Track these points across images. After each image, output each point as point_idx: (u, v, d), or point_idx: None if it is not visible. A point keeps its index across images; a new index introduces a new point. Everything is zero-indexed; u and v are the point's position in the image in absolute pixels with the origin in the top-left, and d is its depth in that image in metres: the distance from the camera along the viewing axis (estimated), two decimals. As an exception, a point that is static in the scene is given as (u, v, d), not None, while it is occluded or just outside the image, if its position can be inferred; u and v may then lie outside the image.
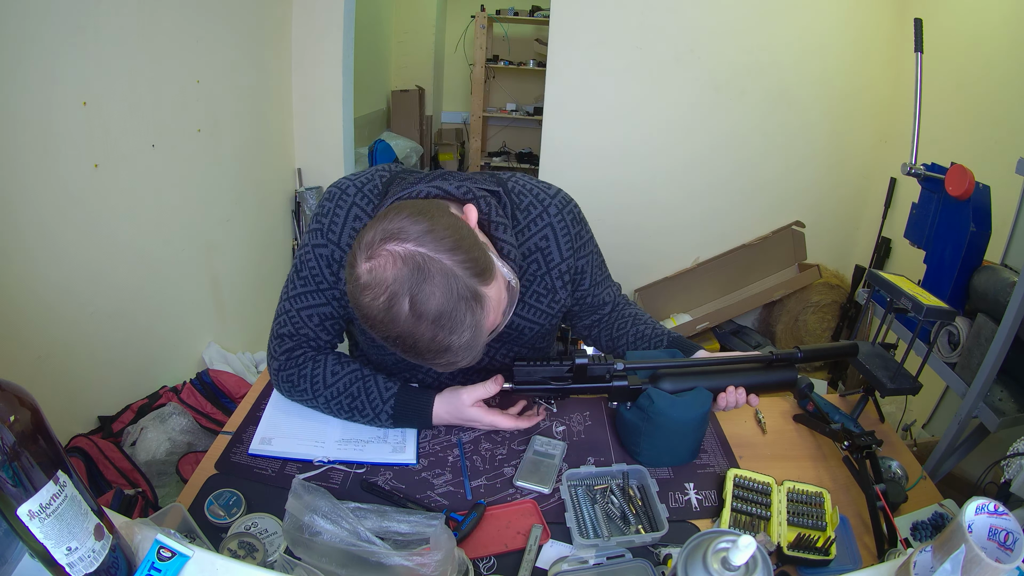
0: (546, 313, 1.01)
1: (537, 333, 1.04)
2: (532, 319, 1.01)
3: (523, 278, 0.97)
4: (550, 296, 1.00)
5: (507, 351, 1.06)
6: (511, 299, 0.80)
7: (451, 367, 0.73)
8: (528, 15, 4.52)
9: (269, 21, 2.35)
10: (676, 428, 0.93)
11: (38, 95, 1.35)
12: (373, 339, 1.01)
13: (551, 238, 0.96)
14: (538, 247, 0.96)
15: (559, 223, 0.96)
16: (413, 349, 0.70)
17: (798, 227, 2.79)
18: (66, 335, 1.50)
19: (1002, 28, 2.01)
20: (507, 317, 0.80)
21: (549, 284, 0.99)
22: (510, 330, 1.00)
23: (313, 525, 0.69)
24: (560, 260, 0.98)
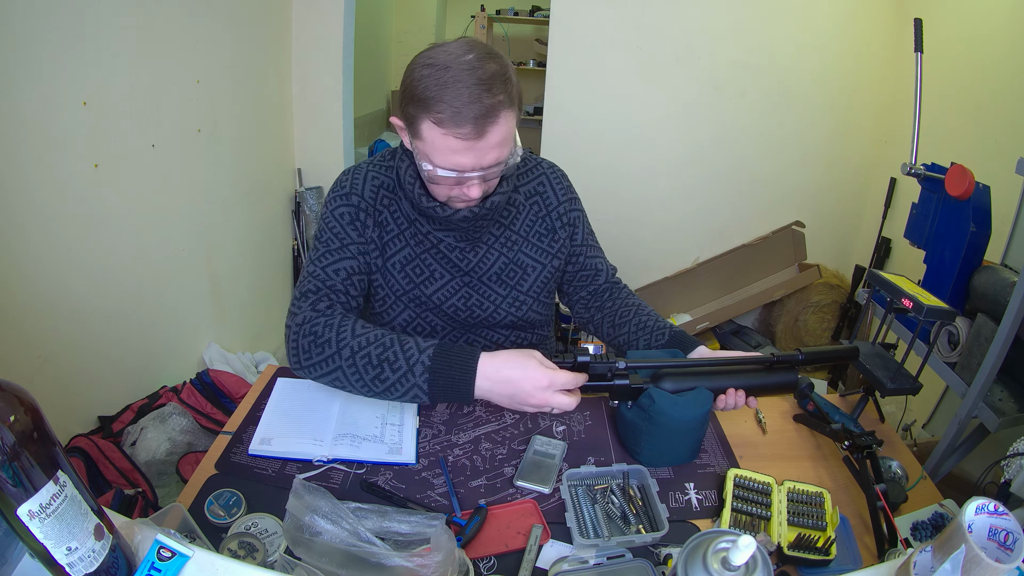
0: (547, 252, 1.11)
1: (539, 278, 1.11)
2: (536, 257, 1.11)
3: (526, 218, 1.10)
4: (550, 236, 1.11)
5: (512, 300, 1.10)
6: (512, 154, 0.91)
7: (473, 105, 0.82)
8: (528, 15, 4.52)
9: (269, 21, 2.35)
10: (677, 428, 0.93)
11: (38, 95, 1.35)
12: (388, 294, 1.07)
13: (547, 184, 1.12)
14: (536, 191, 1.11)
15: (552, 174, 1.13)
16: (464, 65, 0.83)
17: (798, 227, 2.79)
18: (66, 335, 1.50)
19: (1002, 28, 2.01)
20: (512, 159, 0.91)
21: (549, 224, 1.11)
22: (515, 267, 1.09)
23: (313, 525, 0.69)
24: (557, 203, 1.12)
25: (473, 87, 0.82)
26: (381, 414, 1.03)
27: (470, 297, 1.09)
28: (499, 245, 1.09)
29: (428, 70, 0.84)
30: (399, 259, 1.05)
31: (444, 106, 0.82)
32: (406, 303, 1.08)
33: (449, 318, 1.10)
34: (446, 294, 1.08)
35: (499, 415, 1.06)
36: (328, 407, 1.03)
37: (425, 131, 0.86)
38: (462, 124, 0.83)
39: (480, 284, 1.09)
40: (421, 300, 1.07)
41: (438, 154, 0.87)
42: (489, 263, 1.08)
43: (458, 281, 1.08)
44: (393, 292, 1.07)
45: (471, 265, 1.07)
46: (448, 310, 1.09)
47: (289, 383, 1.09)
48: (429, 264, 1.06)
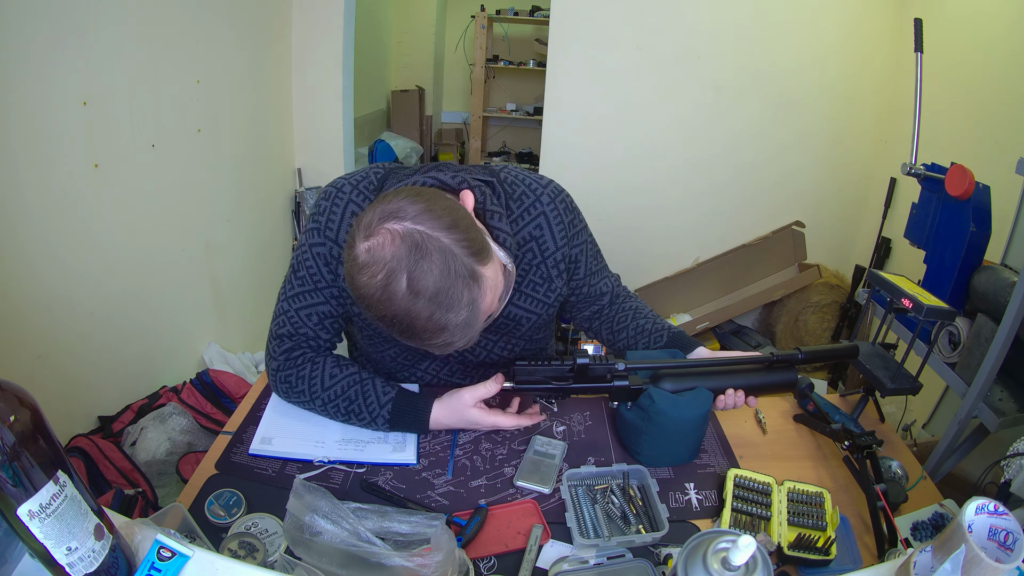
0: (543, 302, 1.02)
1: (535, 324, 1.04)
2: (529, 308, 1.01)
3: (519, 267, 0.98)
4: (546, 285, 1.00)
5: (505, 343, 1.07)
6: (507, 284, 0.81)
7: (447, 348, 0.74)
8: (528, 15, 4.52)
9: (269, 21, 2.35)
10: (676, 428, 0.93)
11: (38, 95, 1.35)
12: (372, 335, 1.02)
13: (545, 227, 0.97)
14: (532, 236, 0.97)
15: (552, 212, 0.97)
16: (410, 329, 0.70)
17: (798, 227, 2.79)
18: (66, 335, 1.49)
19: (1002, 28, 2.01)
20: (503, 303, 0.81)
21: (545, 273, 1.00)
22: (507, 320, 1.01)
23: (314, 525, 0.69)
24: (555, 249, 0.98)
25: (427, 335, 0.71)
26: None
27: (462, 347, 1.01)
28: None
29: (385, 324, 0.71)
30: None
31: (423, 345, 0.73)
32: (395, 341, 1.01)
33: (442, 359, 1.07)
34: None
35: (499, 415, 1.06)
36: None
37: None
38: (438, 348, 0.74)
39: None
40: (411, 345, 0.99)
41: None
42: None
43: None
44: (379, 334, 1.01)
45: None
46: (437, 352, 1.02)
47: (289, 383, 1.09)
48: None
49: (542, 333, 1.12)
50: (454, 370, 1.10)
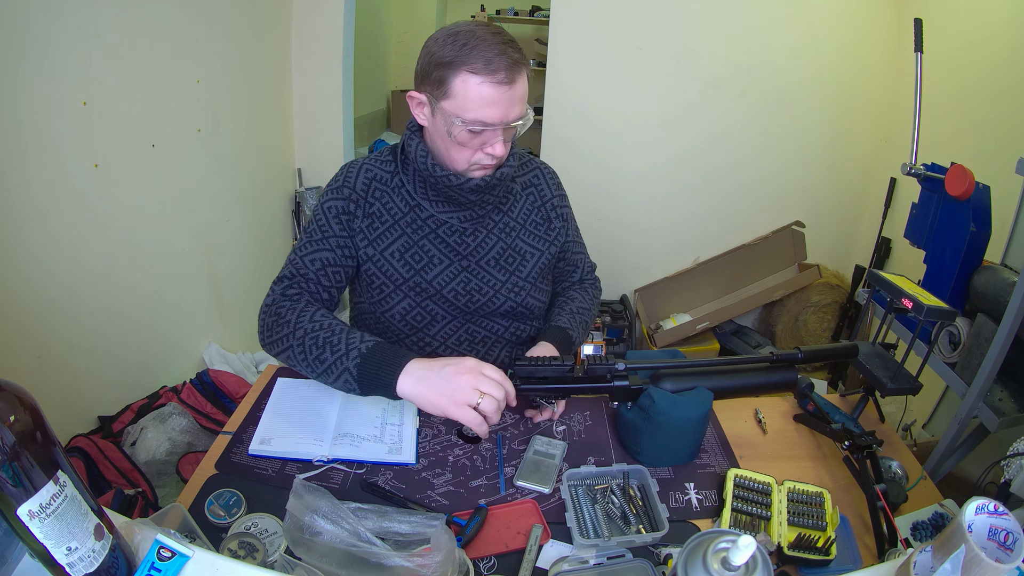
0: (544, 239, 1.16)
1: (537, 263, 1.14)
2: (533, 244, 1.14)
3: (523, 207, 1.15)
4: (546, 225, 1.16)
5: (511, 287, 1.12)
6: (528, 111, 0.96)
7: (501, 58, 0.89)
8: (528, 15, 4.52)
9: (269, 21, 2.35)
10: (676, 428, 0.93)
11: (38, 95, 1.35)
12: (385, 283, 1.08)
13: (540, 177, 1.18)
14: (531, 183, 1.17)
15: (544, 169, 1.20)
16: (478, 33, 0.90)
17: (798, 227, 2.79)
18: (66, 335, 1.49)
19: (1002, 28, 2.01)
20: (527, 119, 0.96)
21: (544, 215, 1.16)
22: (514, 254, 1.12)
23: (313, 525, 0.69)
24: (551, 195, 1.18)
25: (499, 44, 0.90)
26: (381, 414, 1.03)
27: (469, 282, 1.10)
28: (497, 231, 1.11)
29: (452, 38, 0.91)
30: (396, 247, 1.06)
31: (477, 58, 0.89)
32: (405, 291, 1.08)
33: (449, 304, 1.10)
34: (446, 278, 1.08)
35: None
36: (328, 407, 1.03)
37: (458, 86, 0.90)
38: (496, 71, 0.89)
39: (479, 268, 1.10)
40: (421, 286, 1.08)
41: (470, 107, 0.90)
42: (488, 247, 1.10)
43: (457, 265, 1.09)
44: (391, 281, 1.07)
45: (470, 249, 1.09)
46: (448, 295, 1.09)
47: (289, 383, 1.09)
48: (428, 250, 1.07)
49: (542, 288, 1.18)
50: (461, 339, 1.14)
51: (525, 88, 0.94)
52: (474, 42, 0.89)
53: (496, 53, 0.89)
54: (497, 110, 0.91)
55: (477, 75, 0.89)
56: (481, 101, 0.90)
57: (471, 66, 0.89)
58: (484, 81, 0.89)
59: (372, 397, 1.05)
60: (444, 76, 0.91)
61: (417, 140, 1.03)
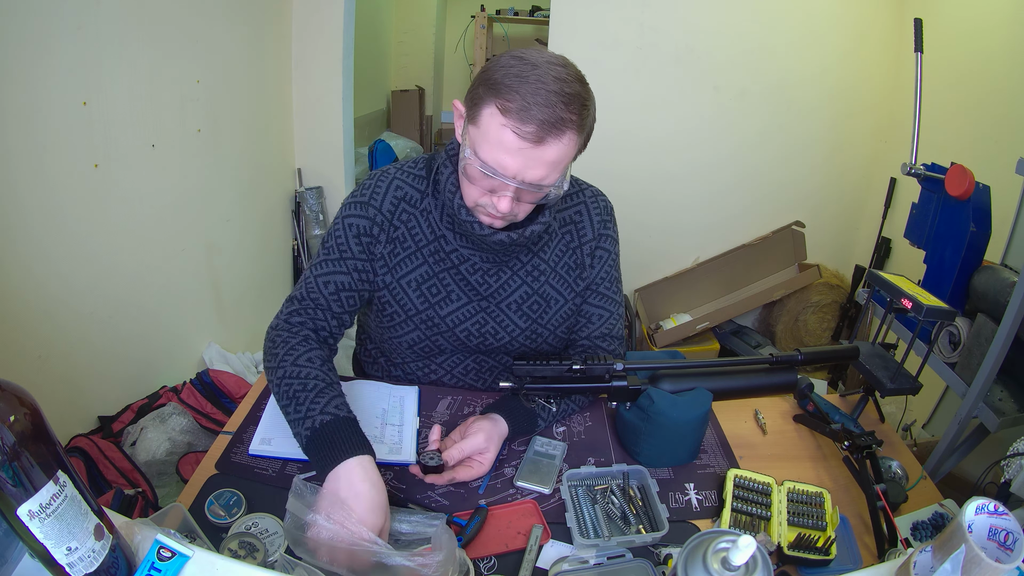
0: (572, 288, 1.05)
1: (561, 311, 1.05)
2: (560, 290, 1.05)
3: (556, 248, 1.04)
4: (579, 271, 1.05)
5: (530, 332, 1.04)
6: (560, 179, 0.86)
7: (545, 108, 0.78)
8: (528, 15, 4.52)
9: (269, 21, 2.35)
10: (676, 428, 0.93)
11: (38, 95, 1.35)
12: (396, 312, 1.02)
13: (584, 214, 1.05)
14: (572, 220, 1.05)
15: (592, 203, 1.07)
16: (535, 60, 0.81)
17: (798, 227, 2.79)
18: (66, 335, 1.49)
19: (1002, 28, 2.01)
20: (552, 188, 0.85)
21: (579, 259, 1.05)
22: (539, 299, 1.03)
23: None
24: (592, 236, 1.05)
25: (552, 94, 0.78)
26: (381, 414, 1.03)
27: (485, 323, 1.03)
28: (524, 273, 1.02)
29: (516, 61, 0.81)
30: (415, 277, 1.00)
31: (516, 96, 0.78)
32: (416, 323, 1.02)
33: (460, 342, 1.05)
34: (460, 317, 1.02)
35: (499, 415, 1.06)
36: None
37: (485, 116, 0.81)
38: (526, 122, 0.78)
39: (498, 311, 1.03)
40: (433, 321, 1.02)
41: (487, 146, 0.81)
42: (511, 290, 1.02)
43: (475, 305, 1.02)
44: (404, 310, 1.02)
45: (491, 290, 1.01)
46: (460, 334, 1.03)
47: (289, 383, 1.08)
48: (447, 284, 1.00)
49: (560, 336, 1.08)
50: (468, 368, 1.10)
51: (561, 154, 0.81)
52: (529, 79, 0.78)
53: (541, 102, 0.77)
54: (513, 162, 0.80)
55: (505, 115, 0.78)
56: (499, 146, 0.80)
57: (505, 102, 0.78)
58: (507, 125, 0.78)
59: (371, 397, 1.06)
60: (481, 97, 0.81)
61: (450, 171, 0.94)
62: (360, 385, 1.10)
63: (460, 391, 1.12)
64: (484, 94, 0.81)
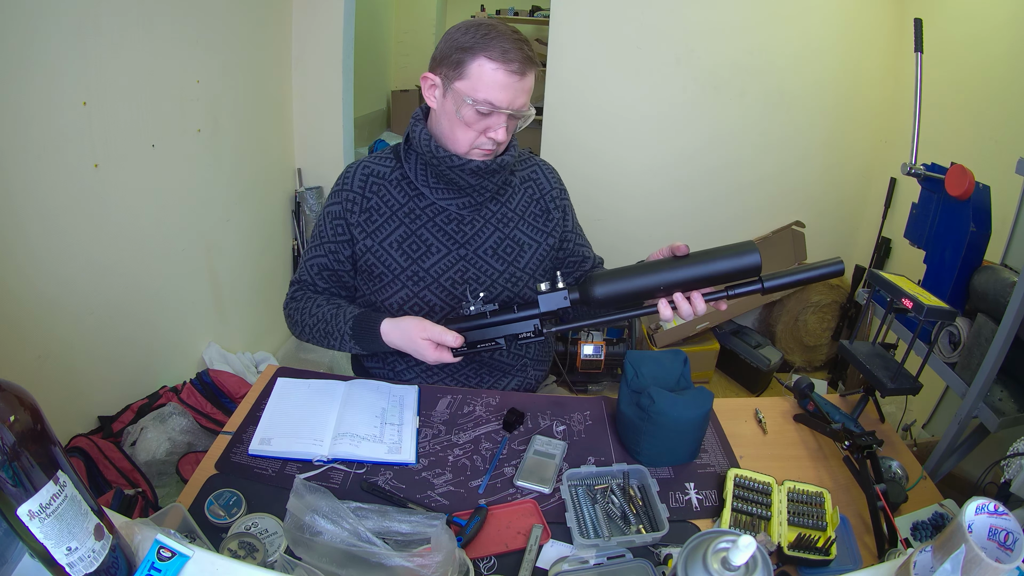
0: (542, 231, 1.19)
1: (535, 255, 1.17)
2: (531, 236, 1.17)
3: (521, 199, 1.18)
4: (544, 216, 1.19)
5: (508, 277, 1.14)
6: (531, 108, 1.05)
7: (517, 50, 0.99)
8: (528, 15, 4.52)
9: (269, 21, 2.35)
10: (676, 428, 0.93)
11: (38, 95, 1.35)
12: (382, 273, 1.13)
13: (539, 172, 1.23)
14: (531, 177, 1.21)
15: (544, 166, 1.24)
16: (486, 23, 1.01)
17: (798, 227, 2.79)
18: (66, 335, 1.49)
19: (1002, 28, 2.01)
20: (530, 113, 1.05)
21: (543, 207, 1.20)
22: (513, 244, 1.15)
23: (314, 525, 0.69)
24: (549, 188, 1.21)
25: (516, 40, 1.00)
26: (380, 414, 1.03)
27: (467, 270, 1.12)
28: (495, 220, 1.15)
29: (475, 28, 1.01)
30: (395, 238, 1.11)
31: (495, 47, 0.98)
32: (403, 281, 1.11)
33: (446, 292, 1.12)
34: (443, 267, 1.12)
35: (499, 415, 1.07)
36: (328, 407, 1.03)
37: (474, 69, 0.99)
38: (511, 61, 0.98)
39: (476, 257, 1.13)
40: (419, 275, 1.11)
41: (482, 88, 0.99)
42: (485, 236, 1.14)
43: (455, 254, 1.12)
44: (390, 271, 1.11)
45: (467, 237, 1.13)
46: (445, 283, 1.12)
47: (289, 383, 1.09)
48: (425, 238, 1.12)
49: (541, 277, 1.19)
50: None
51: (532, 84, 1.03)
52: (494, 34, 0.99)
53: (512, 46, 0.99)
54: (506, 95, 1.00)
55: (493, 61, 0.98)
56: (494, 84, 0.99)
57: (489, 52, 0.98)
58: (499, 68, 0.98)
59: (371, 397, 1.06)
60: (462, 59, 1.00)
61: (421, 126, 1.10)
62: (360, 385, 1.11)
63: (460, 390, 1.12)
64: (463, 56, 1.00)
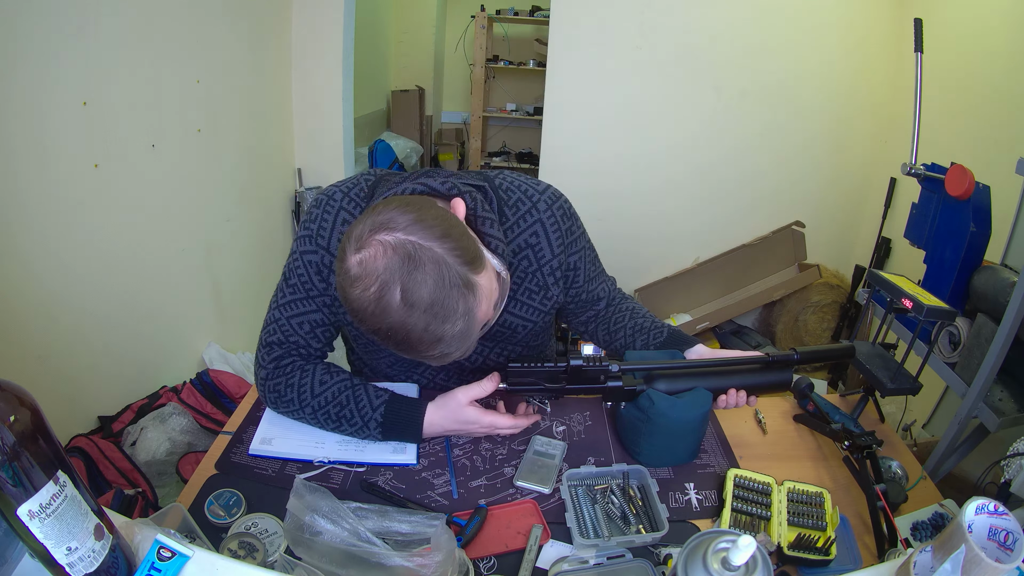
0: (538, 310, 1.00)
1: (531, 331, 1.02)
2: (525, 316, 1.00)
3: (515, 275, 0.96)
4: (542, 293, 0.99)
5: (501, 350, 1.06)
6: (502, 291, 0.81)
7: (444, 359, 0.72)
8: (528, 15, 4.52)
9: (269, 21, 2.35)
10: (676, 428, 0.93)
11: (38, 95, 1.35)
12: (367, 343, 1.02)
13: (541, 234, 0.95)
14: (528, 244, 0.95)
15: (549, 219, 0.95)
16: (406, 342, 0.69)
17: (798, 227, 2.79)
18: (66, 335, 1.49)
19: (1002, 28, 2.01)
20: (499, 310, 0.81)
21: (541, 281, 0.98)
22: (503, 328, 0.99)
23: (314, 525, 0.69)
24: (551, 256, 0.96)
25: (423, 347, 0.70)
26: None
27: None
28: None
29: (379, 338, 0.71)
30: None
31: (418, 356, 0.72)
32: (388, 350, 1.00)
33: (435, 369, 1.07)
34: None
35: (499, 415, 1.06)
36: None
37: None
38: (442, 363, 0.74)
39: None
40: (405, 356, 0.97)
41: None
42: None
43: None
44: (373, 343, 1.01)
45: None
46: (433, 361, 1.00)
47: (289, 383, 1.08)
48: None
49: (539, 339, 1.11)
50: (451, 374, 1.10)
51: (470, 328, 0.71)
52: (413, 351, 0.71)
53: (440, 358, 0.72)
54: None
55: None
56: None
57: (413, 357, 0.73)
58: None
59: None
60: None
61: None
62: (360, 385, 1.10)
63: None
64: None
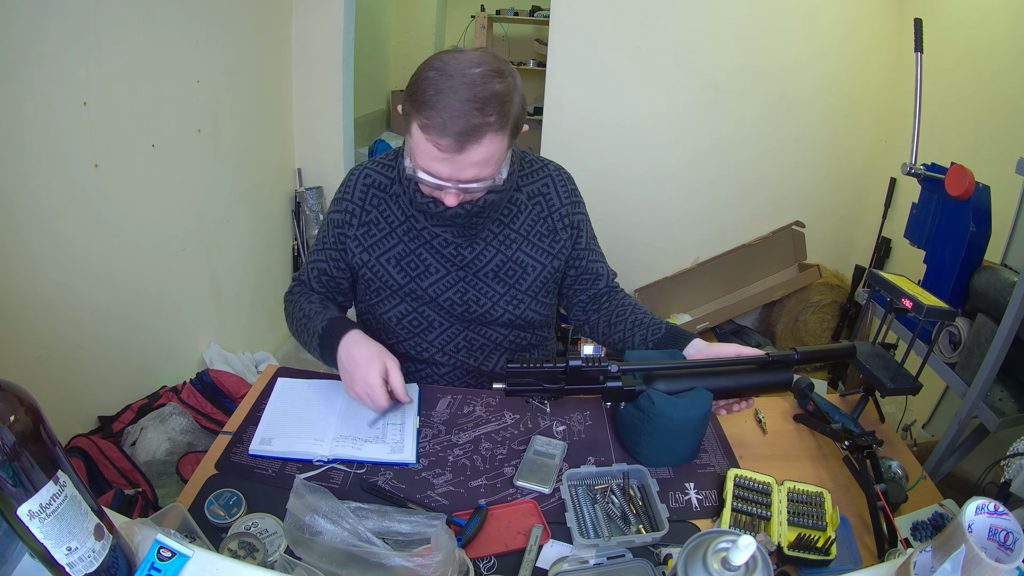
0: (548, 252, 1.11)
1: (539, 277, 1.11)
2: (536, 257, 1.10)
3: (527, 218, 1.10)
4: (551, 236, 1.11)
5: (510, 300, 1.11)
6: (510, 171, 0.99)
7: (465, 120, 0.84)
8: (528, 15, 4.52)
9: (269, 21, 2.35)
10: (676, 428, 0.93)
11: (39, 95, 1.35)
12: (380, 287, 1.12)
13: (551, 186, 1.12)
14: (540, 192, 1.11)
15: (557, 176, 1.13)
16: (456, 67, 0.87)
17: (798, 227, 2.79)
18: (66, 335, 1.49)
19: (1002, 28, 2.01)
20: (486, 182, 0.93)
21: (551, 226, 1.11)
22: (515, 266, 1.10)
23: (314, 525, 0.69)
24: (560, 205, 1.11)
25: (466, 102, 0.84)
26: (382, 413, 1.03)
27: (466, 292, 1.10)
28: (497, 242, 1.09)
29: (433, 73, 0.87)
30: (393, 255, 1.09)
31: (433, 113, 0.85)
32: (401, 296, 1.11)
33: (445, 311, 1.11)
34: (442, 287, 1.09)
35: (499, 415, 1.07)
36: (329, 407, 1.03)
37: (413, 131, 0.89)
38: (444, 136, 0.85)
39: (476, 280, 1.10)
40: (416, 293, 1.10)
41: (420, 156, 0.90)
42: (486, 259, 1.09)
43: (454, 275, 1.09)
44: (387, 286, 1.10)
45: (466, 261, 1.09)
46: (444, 303, 1.10)
47: (289, 383, 1.09)
48: (424, 258, 1.08)
49: (543, 301, 1.15)
50: (459, 346, 1.14)
51: (486, 154, 0.88)
52: (445, 93, 0.85)
53: (455, 115, 0.84)
54: (444, 168, 0.89)
55: (425, 132, 0.86)
56: (429, 156, 0.88)
57: (424, 120, 0.86)
58: (430, 140, 0.86)
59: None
60: (408, 113, 0.90)
61: (408, 160, 0.98)
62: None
63: (460, 390, 1.12)
64: (410, 109, 0.89)
